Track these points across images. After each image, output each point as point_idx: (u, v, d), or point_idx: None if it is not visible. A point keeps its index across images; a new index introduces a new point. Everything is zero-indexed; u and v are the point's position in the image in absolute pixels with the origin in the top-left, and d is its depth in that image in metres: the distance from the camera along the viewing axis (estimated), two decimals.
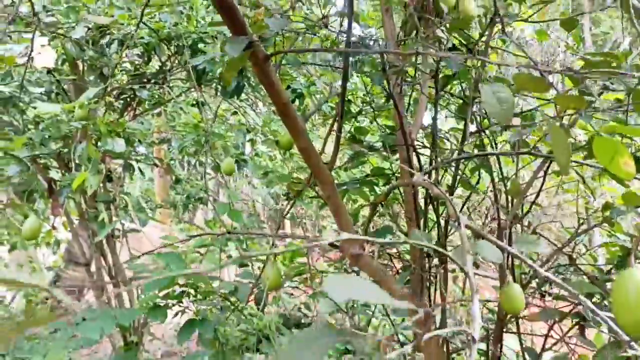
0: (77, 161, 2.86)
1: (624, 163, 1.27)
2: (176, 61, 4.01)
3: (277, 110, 1.92)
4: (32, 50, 2.19)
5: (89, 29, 3.10)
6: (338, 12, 2.15)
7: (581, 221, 2.73)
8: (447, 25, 2.17)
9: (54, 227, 4.87)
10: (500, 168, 2.52)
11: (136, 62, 4.06)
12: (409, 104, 2.61)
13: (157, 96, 4.40)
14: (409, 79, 2.32)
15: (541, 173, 2.35)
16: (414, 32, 2.36)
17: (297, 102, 3.83)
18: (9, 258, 7.61)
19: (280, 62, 2.06)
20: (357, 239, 2.19)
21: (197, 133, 3.55)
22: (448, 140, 2.77)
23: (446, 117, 3.16)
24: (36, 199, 3.89)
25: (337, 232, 2.02)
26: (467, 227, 1.25)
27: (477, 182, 2.73)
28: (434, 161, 2.27)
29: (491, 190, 2.45)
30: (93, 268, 4.52)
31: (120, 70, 4.12)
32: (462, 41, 2.22)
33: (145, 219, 4.21)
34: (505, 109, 1.35)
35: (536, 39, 2.43)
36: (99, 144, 2.70)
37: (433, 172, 2.20)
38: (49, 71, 3.14)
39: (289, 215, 3.08)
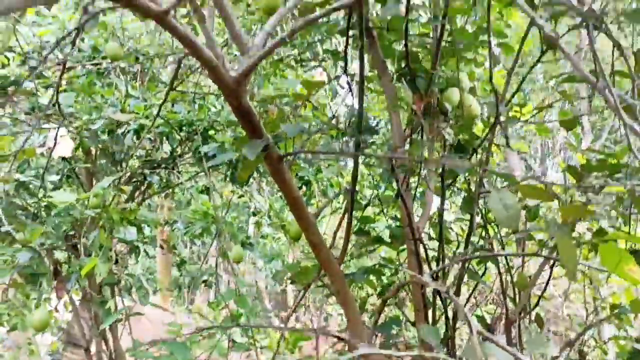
0: (88, 247, 2.90)
1: (629, 269, 1.31)
2: (187, 147, 4.14)
3: (289, 204, 1.98)
4: (56, 142, 2.28)
5: (99, 109, 3.22)
6: (348, 113, 2.26)
7: (589, 311, 2.72)
8: (451, 123, 2.27)
9: (56, 310, 4.83)
10: (507, 259, 2.54)
11: (147, 148, 4.18)
12: (415, 195, 2.67)
13: (166, 180, 4.50)
14: (416, 173, 2.39)
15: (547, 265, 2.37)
16: (420, 128, 2.46)
17: (304, 188, 3.92)
18: (7, 338, 7.46)
19: (292, 160, 2.15)
20: (364, 332, 2.19)
21: (206, 220, 3.61)
22: (453, 230, 2.81)
23: (452, 205, 3.22)
24: (41, 282, 3.89)
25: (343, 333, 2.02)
26: (478, 332, 1.27)
27: (484, 273, 2.75)
28: (441, 255, 2.30)
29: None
30: (93, 351, 4.44)
31: (132, 155, 4.25)
32: (467, 138, 2.31)
33: (146, 302, 4.18)
34: (512, 215, 1.40)
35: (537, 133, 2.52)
36: (112, 231, 2.74)
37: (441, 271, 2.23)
38: (64, 158, 3.24)
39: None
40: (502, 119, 1.97)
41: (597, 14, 1.05)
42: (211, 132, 3.97)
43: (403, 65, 2.46)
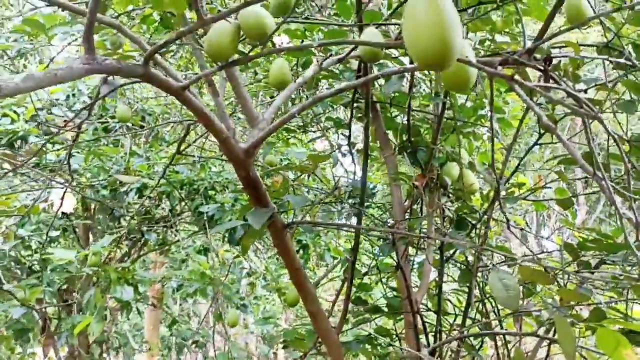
0: (82, 305, 2.88)
1: (626, 354, 1.32)
2: (186, 206, 4.17)
3: (290, 273, 1.99)
4: (62, 202, 2.31)
5: (109, 176, 3.27)
6: (350, 185, 2.32)
7: None
8: (451, 197, 2.33)
9: None
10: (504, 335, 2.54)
11: (147, 205, 4.21)
12: (413, 264, 2.69)
13: (163, 237, 4.50)
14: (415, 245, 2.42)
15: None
16: (420, 200, 2.51)
17: (301, 252, 3.93)
18: None
19: (295, 229, 2.18)
20: None
21: (203, 281, 3.60)
22: (451, 302, 2.81)
23: (449, 276, 3.22)
24: (29, 338, 3.83)
25: None
26: None
27: (480, 346, 2.73)
28: (439, 328, 2.30)
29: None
30: None
31: (130, 211, 4.27)
32: (466, 212, 2.36)
33: None
34: (512, 296, 1.42)
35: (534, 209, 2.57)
36: (108, 289, 2.74)
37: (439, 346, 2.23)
38: (64, 214, 3.27)
39: None
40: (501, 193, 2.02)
41: (592, 109, 1.11)
42: (211, 192, 4.01)
43: (405, 138, 2.54)
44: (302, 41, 2.79)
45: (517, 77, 1.06)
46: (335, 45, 1.67)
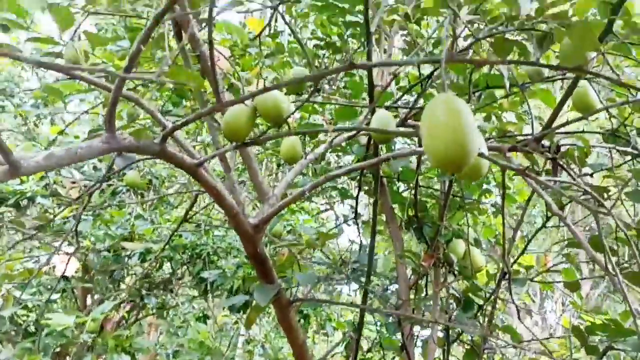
0: None
1: None
2: (187, 270, 4.13)
3: (293, 350, 1.95)
4: (67, 267, 2.30)
5: (112, 238, 3.27)
6: (356, 260, 2.31)
7: None
8: (457, 276, 2.31)
9: None
10: None
11: (147, 267, 4.18)
12: (416, 343, 2.64)
13: (162, 301, 4.44)
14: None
15: None
16: (425, 277, 2.50)
17: (302, 321, 3.86)
18: None
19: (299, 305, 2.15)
20: None
21: (202, 351, 3.52)
22: None
23: (454, 356, 3.16)
24: None
25: None
26: None
27: None
28: None
29: None
30: None
31: (132, 274, 4.23)
32: (472, 290, 2.33)
33: None
34: None
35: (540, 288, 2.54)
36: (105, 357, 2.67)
37: None
38: (64, 277, 3.24)
39: None
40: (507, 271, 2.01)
41: (604, 205, 1.12)
42: (214, 257, 3.99)
43: (411, 213, 2.55)
44: (310, 116, 2.85)
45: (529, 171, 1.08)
46: (349, 131, 1.71)
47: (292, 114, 1.35)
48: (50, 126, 4.44)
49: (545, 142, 1.65)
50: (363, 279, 2.25)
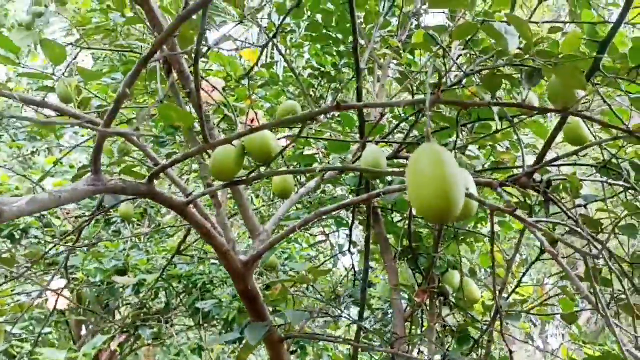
0: None
1: None
2: (182, 300, 4.09)
3: None
4: (57, 301, 2.27)
5: (104, 272, 3.24)
6: (349, 295, 2.28)
7: None
8: (453, 308, 2.28)
9: None
10: None
11: (142, 298, 4.14)
12: None
13: (157, 331, 4.38)
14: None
15: None
16: (421, 309, 2.47)
17: (298, 352, 3.81)
18: None
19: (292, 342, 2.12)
20: None
21: None
22: None
23: None
24: None
25: None
26: None
27: None
28: None
29: None
30: None
31: (126, 304, 4.19)
32: (468, 323, 2.30)
33: None
34: None
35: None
36: None
37: None
38: (60, 311, 3.20)
39: None
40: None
41: (596, 247, 1.11)
42: (209, 287, 3.94)
43: (406, 244, 2.53)
44: (304, 147, 2.85)
45: (518, 212, 1.07)
46: (339, 170, 1.70)
47: (281, 153, 1.34)
48: (46, 156, 4.43)
49: (537, 177, 1.64)
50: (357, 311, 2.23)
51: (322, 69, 3.48)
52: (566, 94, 1.27)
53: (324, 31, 3.03)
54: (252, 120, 2.28)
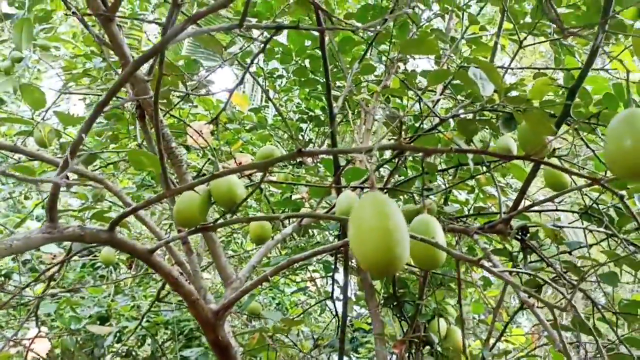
0: None
1: None
2: (169, 347, 3.98)
3: None
4: (29, 347, 2.20)
5: (79, 320, 3.16)
6: (330, 345, 2.22)
7: None
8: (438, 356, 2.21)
9: None
10: None
11: (129, 345, 4.03)
12: None
13: None
14: None
15: None
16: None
17: None
18: None
19: None
20: None
21: None
22: None
23: None
24: None
25: None
26: None
27: None
28: None
29: None
30: None
31: (112, 352, 4.08)
32: None
33: None
34: None
35: None
36: None
37: None
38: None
39: None
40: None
41: (575, 280, 1.06)
42: (197, 333, 3.85)
43: (391, 290, 2.47)
44: (292, 192, 2.82)
45: (483, 262, 1.02)
46: (303, 217, 1.67)
47: (245, 200, 1.31)
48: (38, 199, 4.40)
49: (514, 224, 1.61)
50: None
51: (311, 113, 3.49)
52: (535, 139, 1.25)
53: (311, 76, 3.04)
54: (240, 164, 2.26)
